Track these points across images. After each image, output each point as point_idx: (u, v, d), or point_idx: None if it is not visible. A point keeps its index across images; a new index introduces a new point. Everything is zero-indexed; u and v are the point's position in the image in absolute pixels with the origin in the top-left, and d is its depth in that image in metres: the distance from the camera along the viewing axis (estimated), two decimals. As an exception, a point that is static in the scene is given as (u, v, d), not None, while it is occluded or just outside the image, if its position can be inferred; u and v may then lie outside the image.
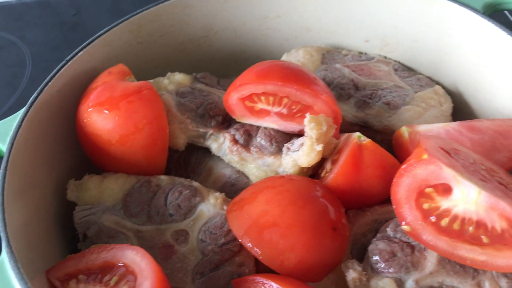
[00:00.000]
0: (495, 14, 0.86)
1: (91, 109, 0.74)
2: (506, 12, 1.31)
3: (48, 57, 1.38)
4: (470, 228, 0.58)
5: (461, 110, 0.88)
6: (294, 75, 0.72)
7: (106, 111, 0.73)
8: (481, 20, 0.80)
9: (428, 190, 0.61)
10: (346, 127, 0.80)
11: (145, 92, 0.75)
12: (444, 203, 0.60)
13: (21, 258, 0.57)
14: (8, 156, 0.67)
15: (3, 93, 1.28)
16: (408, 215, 0.63)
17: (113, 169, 0.77)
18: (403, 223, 0.63)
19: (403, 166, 0.62)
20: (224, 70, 0.99)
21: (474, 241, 0.59)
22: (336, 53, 0.94)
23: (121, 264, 0.62)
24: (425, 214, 0.62)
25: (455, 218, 0.59)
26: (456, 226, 0.59)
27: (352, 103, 0.84)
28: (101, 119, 0.73)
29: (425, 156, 0.60)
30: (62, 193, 0.76)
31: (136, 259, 0.61)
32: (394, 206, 0.64)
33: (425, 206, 0.62)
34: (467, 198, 0.58)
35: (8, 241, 0.58)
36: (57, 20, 1.53)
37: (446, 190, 0.60)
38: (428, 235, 0.61)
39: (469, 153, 0.66)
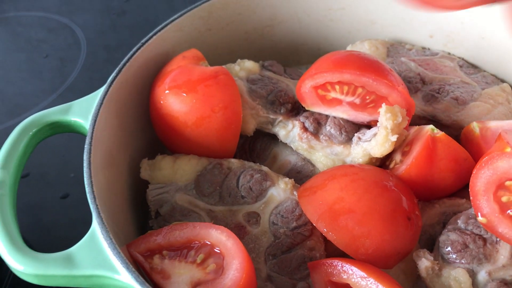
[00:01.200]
0: None
1: (168, 91, 0.76)
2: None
3: (96, 42, 1.40)
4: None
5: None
6: (372, 65, 0.73)
7: (184, 94, 0.75)
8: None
9: (508, 183, 0.62)
10: (414, 120, 0.81)
11: (221, 77, 0.76)
12: None
13: (110, 229, 0.59)
14: (92, 132, 0.69)
15: (58, 74, 1.30)
16: (485, 207, 0.63)
17: (186, 151, 0.79)
18: (479, 214, 0.64)
19: (485, 158, 0.63)
20: (284, 60, 0.99)
21: None
22: (400, 47, 0.95)
23: (207, 243, 0.63)
24: (503, 207, 0.63)
25: None
26: (533, 220, 0.60)
27: (419, 96, 0.84)
28: (178, 102, 0.75)
29: (508, 149, 0.61)
30: (135, 172, 0.78)
31: (222, 238, 0.62)
32: (471, 198, 0.64)
33: (504, 199, 0.63)
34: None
35: (98, 213, 0.60)
36: (107, 6, 1.55)
37: None
38: (505, 228, 0.62)
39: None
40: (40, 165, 1.08)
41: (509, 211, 0.62)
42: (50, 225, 0.96)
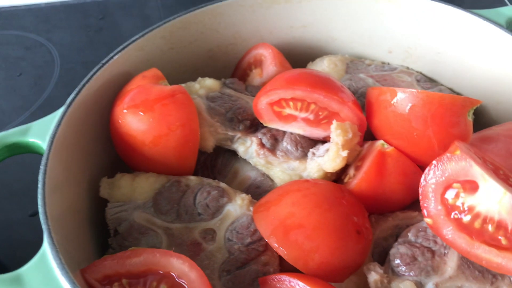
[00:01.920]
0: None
1: (126, 110, 0.78)
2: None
3: (73, 59, 1.42)
4: (490, 227, 0.61)
5: (480, 122, 0.90)
6: (323, 82, 0.75)
7: (141, 113, 0.76)
8: (504, 35, 0.83)
9: (455, 185, 0.64)
10: (369, 136, 0.83)
11: (179, 96, 0.78)
12: (468, 200, 0.63)
13: (61, 250, 0.60)
14: (48, 153, 0.71)
15: (32, 92, 1.32)
16: (432, 209, 0.66)
17: (145, 168, 0.80)
18: (426, 214, 0.66)
19: (435, 160, 0.65)
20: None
21: (493, 242, 0.61)
22: (359, 63, 0.97)
23: (168, 272, 0.62)
24: (449, 210, 0.65)
25: (477, 216, 0.62)
26: (477, 224, 0.62)
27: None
28: (136, 121, 0.77)
29: (458, 152, 0.63)
30: (95, 191, 0.79)
31: (184, 269, 0.62)
32: (420, 198, 0.67)
33: (450, 201, 0.64)
34: (492, 198, 0.61)
35: (49, 233, 0.61)
36: (83, 24, 1.57)
37: (472, 188, 0.62)
38: (449, 231, 0.64)
39: (494, 161, 0.69)
40: (9, 183, 1.09)
41: (453, 213, 0.64)
42: (17, 243, 0.97)
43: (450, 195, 0.65)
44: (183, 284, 0.62)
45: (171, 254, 0.64)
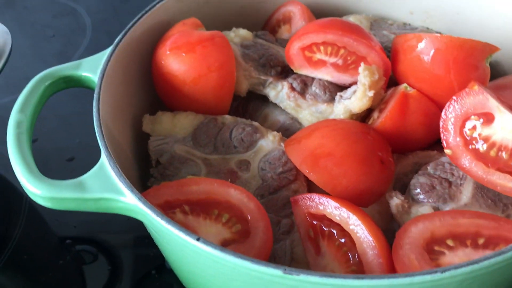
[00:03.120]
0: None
1: (169, 52, 0.84)
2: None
3: (99, 27, 1.47)
4: (505, 155, 0.67)
5: (496, 72, 0.96)
6: (352, 28, 0.81)
7: (183, 54, 0.83)
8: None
9: (473, 117, 0.70)
10: (393, 84, 0.89)
11: (218, 39, 0.84)
12: (485, 131, 0.69)
13: (118, 162, 0.67)
14: (100, 84, 0.77)
15: (61, 57, 1.38)
16: (451, 140, 0.72)
17: (184, 108, 0.87)
18: (445, 145, 0.73)
19: (455, 96, 0.71)
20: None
21: (507, 168, 0.67)
22: (382, 22, 1.03)
23: (227, 201, 0.65)
24: (467, 141, 0.71)
25: (492, 145, 0.68)
26: (493, 153, 0.68)
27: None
28: (178, 61, 0.83)
29: (476, 87, 0.69)
30: (138, 127, 0.86)
31: (243, 200, 0.66)
32: (441, 131, 0.73)
33: (468, 132, 0.71)
34: (507, 127, 0.67)
35: (106, 147, 0.68)
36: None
37: (489, 119, 0.69)
38: (466, 160, 0.70)
39: (508, 101, 0.75)
40: (47, 132, 1.16)
41: (471, 145, 0.70)
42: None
43: (468, 126, 0.71)
44: (243, 213, 0.65)
45: (229, 184, 0.68)
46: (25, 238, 0.96)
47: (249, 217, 0.67)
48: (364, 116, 0.86)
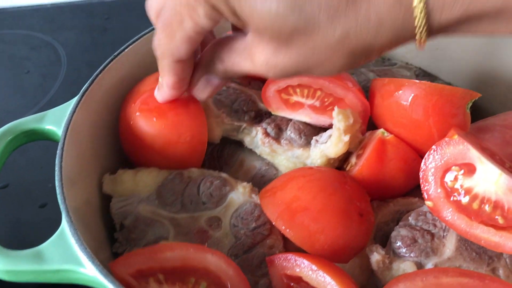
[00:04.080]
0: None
1: (139, 113, 0.80)
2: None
3: (78, 59, 1.44)
4: (488, 208, 0.64)
5: (477, 115, 0.93)
6: (327, 71, 0.79)
7: (154, 119, 0.78)
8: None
9: (454, 168, 0.67)
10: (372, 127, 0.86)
11: (192, 107, 0.80)
12: (466, 182, 0.66)
13: (79, 229, 0.63)
14: (64, 138, 0.74)
15: (40, 89, 1.35)
16: (432, 192, 0.69)
17: (152, 165, 0.81)
18: (426, 197, 0.70)
19: (435, 145, 0.69)
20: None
21: (490, 221, 0.65)
22: (360, 58, 1.01)
23: (204, 268, 0.61)
24: (448, 192, 0.68)
25: (475, 197, 0.65)
26: (475, 205, 0.65)
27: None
28: (148, 125, 0.78)
29: (456, 137, 0.67)
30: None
31: (222, 265, 0.62)
32: (421, 182, 0.70)
33: (449, 184, 0.68)
34: (489, 179, 0.64)
35: (67, 211, 0.64)
36: (88, 24, 1.60)
37: (470, 170, 0.66)
38: (448, 212, 0.67)
39: (490, 148, 0.72)
40: (19, 177, 1.12)
41: (453, 196, 0.67)
42: (26, 234, 0.99)
43: (449, 178, 0.68)
44: (221, 280, 0.61)
45: (206, 249, 0.63)
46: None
47: (228, 284, 0.62)
48: (342, 160, 0.83)
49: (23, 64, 1.47)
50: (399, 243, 0.71)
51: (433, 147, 0.69)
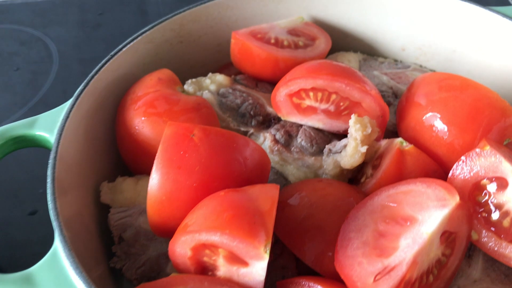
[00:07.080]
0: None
1: (145, 117, 0.74)
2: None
3: (70, 55, 1.38)
4: (520, 227, 0.59)
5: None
6: (344, 71, 0.73)
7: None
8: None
9: (484, 182, 0.62)
10: (386, 135, 0.81)
11: (204, 110, 0.75)
12: (498, 197, 0.61)
13: (74, 248, 0.57)
14: (57, 147, 0.68)
15: (30, 87, 1.28)
16: None
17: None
18: None
19: (464, 155, 0.63)
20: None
21: None
22: (372, 61, 0.95)
23: None
24: (476, 207, 0.63)
25: (506, 214, 0.60)
26: (506, 223, 0.60)
27: (392, 111, 0.84)
28: (157, 129, 0.73)
29: (487, 148, 0.61)
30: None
31: None
32: None
33: (479, 198, 0.62)
34: (522, 195, 0.59)
35: (61, 230, 0.58)
36: (81, 19, 1.54)
37: (502, 185, 0.60)
38: (475, 229, 0.62)
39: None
40: (8, 181, 1.05)
41: (482, 213, 0.62)
42: (17, 242, 0.93)
43: (478, 192, 0.63)
44: None
45: (221, 281, 0.58)
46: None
47: None
48: (355, 171, 0.77)
49: (12, 60, 1.39)
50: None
51: (462, 158, 0.63)
